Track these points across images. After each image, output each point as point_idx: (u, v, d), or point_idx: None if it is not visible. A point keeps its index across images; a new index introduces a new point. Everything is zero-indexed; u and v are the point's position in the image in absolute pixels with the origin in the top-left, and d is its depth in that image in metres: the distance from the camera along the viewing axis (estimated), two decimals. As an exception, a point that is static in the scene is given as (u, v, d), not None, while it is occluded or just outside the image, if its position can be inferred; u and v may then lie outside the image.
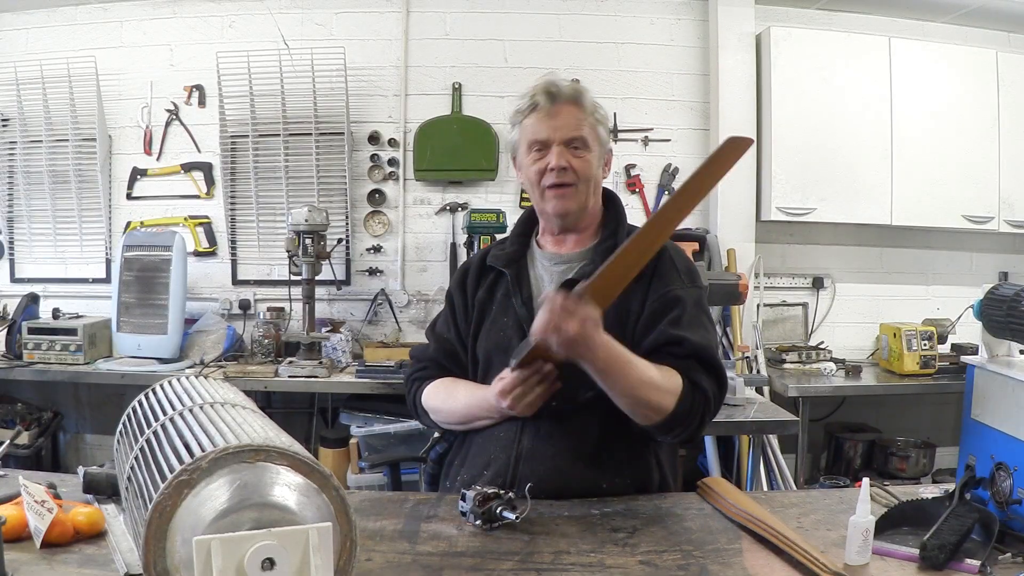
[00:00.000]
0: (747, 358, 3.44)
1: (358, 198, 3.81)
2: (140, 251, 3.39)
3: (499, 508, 1.28)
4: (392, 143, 3.80)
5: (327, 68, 3.65)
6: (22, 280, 3.84)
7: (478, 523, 1.29)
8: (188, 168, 3.81)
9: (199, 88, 3.77)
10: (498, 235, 3.34)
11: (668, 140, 3.86)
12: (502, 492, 1.31)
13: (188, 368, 3.27)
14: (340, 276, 3.74)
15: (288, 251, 3.35)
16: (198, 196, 3.82)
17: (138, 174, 3.82)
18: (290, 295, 3.52)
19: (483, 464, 1.52)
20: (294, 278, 3.41)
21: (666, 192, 3.85)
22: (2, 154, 3.78)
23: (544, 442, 1.48)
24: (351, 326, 3.75)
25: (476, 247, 3.46)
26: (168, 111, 3.78)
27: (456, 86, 3.78)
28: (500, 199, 3.80)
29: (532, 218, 1.72)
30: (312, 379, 3.15)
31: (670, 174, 3.85)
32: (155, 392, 1.13)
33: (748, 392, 2.85)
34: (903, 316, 3.83)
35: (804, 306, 4.00)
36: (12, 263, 3.87)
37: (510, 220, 3.33)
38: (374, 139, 3.79)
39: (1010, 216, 3.74)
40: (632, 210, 3.78)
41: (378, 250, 3.84)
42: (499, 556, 1.18)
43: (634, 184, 3.83)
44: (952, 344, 3.60)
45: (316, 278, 3.38)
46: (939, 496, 1.33)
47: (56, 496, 1.26)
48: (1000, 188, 3.72)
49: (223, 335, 3.54)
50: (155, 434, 0.97)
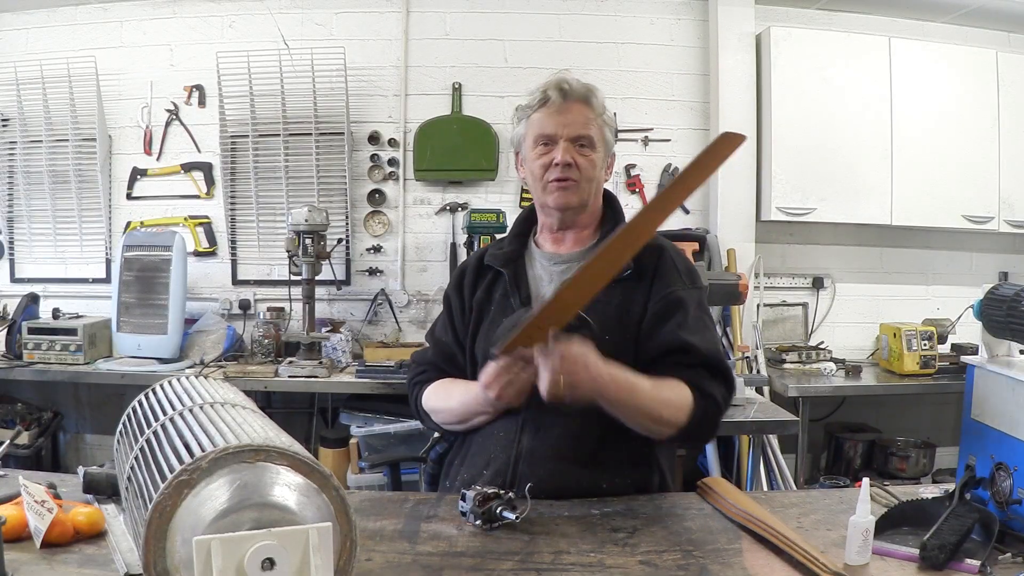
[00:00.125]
0: (747, 358, 3.44)
1: (358, 198, 3.81)
2: (140, 251, 3.39)
3: (499, 508, 1.28)
4: (392, 143, 3.80)
5: (327, 68, 3.65)
6: (22, 280, 3.84)
7: (478, 523, 1.29)
8: (188, 168, 3.81)
9: (199, 88, 3.77)
10: (498, 235, 3.34)
11: (668, 140, 3.86)
12: (502, 492, 1.31)
13: (188, 368, 3.27)
14: (340, 276, 3.74)
15: (288, 251, 3.35)
16: (198, 196, 3.82)
17: (138, 174, 3.82)
18: (290, 295, 3.52)
19: (483, 464, 1.52)
20: (294, 278, 3.41)
21: (666, 192, 3.85)
22: (2, 154, 3.78)
23: (544, 442, 1.48)
24: (351, 326, 3.75)
25: (476, 247, 3.46)
26: (168, 111, 3.78)
27: (456, 86, 3.78)
28: (500, 199, 3.80)
29: (530, 218, 1.72)
30: (312, 379, 3.15)
31: (670, 174, 3.85)
32: (155, 392, 1.13)
33: (748, 392, 2.85)
34: (903, 316, 3.83)
35: (804, 306, 4.00)
36: (12, 263, 3.87)
37: (510, 220, 3.32)
38: (374, 139, 3.79)
39: (1010, 216, 3.74)
40: (632, 210, 3.76)
41: (378, 250, 3.84)
42: (499, 556, 1.18)
43: (634, 184, 3.83)
44: (952, 344, 3.60)
45: (316, 278, 3.38)
46: (939, 496, 1.33)
47: (56, 496, 1.26)
48: (1000, 188, 3.72)
49: (223, 335, 3.54)
50: (155, 434, 0.97)
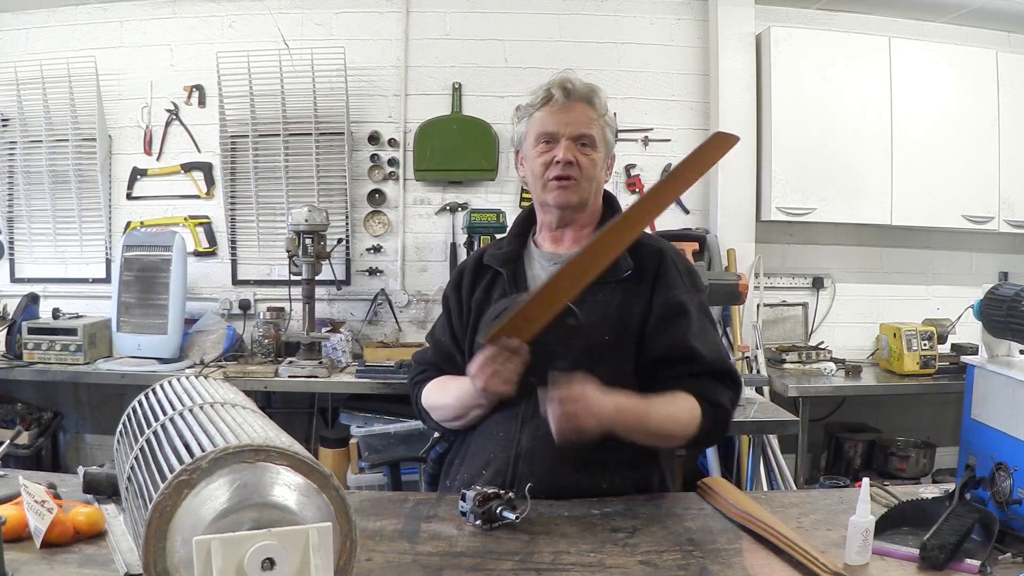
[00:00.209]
0: (747, 358, 3.44)
1: (358, 198, 3.81)
2: (140, 251, 3.39)
3: (499, 508, 1.28)
4: (392, 143, 3.80)
5: (327, 68, 3.65)
6: (22, 280, 3.84)
7: (478, 523, 1.29)
8: (188, 168, 3.81)
9: (199, 88, 3.77)
10: (498, 235, 3.34)
11: (668, 140, 3.85)
12: (502, 492, 1.31)
13: (188, 368, 3.27)
14: (340, 276, 3.74)
15: (288, 251, 3.35)
16: (198, 196, 3.82)
17: (138, 174, 3.82)
18: (290, 295, 3.52)
19: (483, 464, 1.52)
20: (294, 278, 3.41)
21: (666, 192, 3.85)
22: (2, 154, 3.78)
23: (543, 441, 1.48)
24: (351, 326, 3.75)
25: (476, 247, 3.46)
26: (168, 111, 3.78)
27: (456, 86, 3.78)
28: (500, 199, 3.80)
29: (529, 218, 1.73)
30: (312, 379, 3.15)
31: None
32: (155, 392, 1.13)
33: (748, 392, 2.85)
34: (903, 316, 3.83)
35: (804, 306, 4.00)
36: (12, 263, 3.87)
37: (510, 220, 3.32)
38: (374, 139, 3.79)
39: (1010, 216, 3.74)
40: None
41: (378, 250, 3.84)
42: (499, 556, 1.18)
43: (634, 184, 3.83)
44: (952, 344, 3.60)
45: (316, 278, 3.38)
46: (939, 496, 1.33)
47: (56, 496, 1.26)
48: (1000, 188, 3.72)
49: (223, 335, 3.54)
50: (155, 434, 0.97)
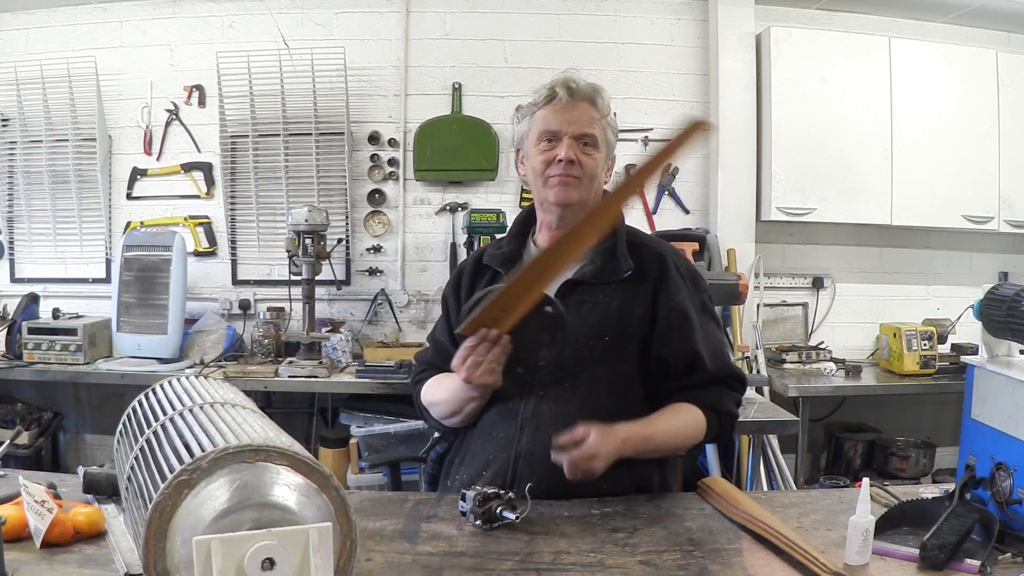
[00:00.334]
0: (747, 358, 3.44)
1: (358, 198, 3.81)
2: (140, 251, 3.39)
3: (499, 508, 1.28)
4: (392, 143, 3.80)
5: (327, 68, 3.65)
6: (22, 280, 3.84)
7: (478, 523, 1.29)
8: (188, 168, 3.81)
9: (199, 88, 3.77)
10: (498, 235, 3.34)
11: (668, 140, 3.84)
12: (502, 492, 1.31)
13: (188, 368, 3.27)
14: (340, 276, 3.74)
15: (288, 251, 3.35)
16: (198, 196, 3.82)
17: (138, 174, 3.82)
18: (290, 295, 3.52)
19: (483, 464, 1.52)
20: (294, 278, 3.41)
21: (666, 192, 3.85)
22: (2, 154, 3.78)
23: (544, 442, 1.48)
24: (351, 326, 3.75)
25: (476, 247, 3.46)
26: (168, 111, 3.78)
27: (456, 86, 3.78)
28: (500, 199, 3.80)
29: (529, 218, 1.73)
30: (312, 379, 3.15)
31: (670, 174, 3.85)
32: (155, 392, 1.13)
33: (748, 392, 2.83)
34: (903, 316, 3.83)
35: (804, 306, 4.00)
36: (12, 263, 3.87)
37: (510, 220, 3.32)
38: (374, 139, 3.79)
39: (1010, 216, 3.74)
40: (632, 210, 3.78)
41: (378, 250, 3.84)
42: (499, 556, 1.18)
43: (634, 184, 3.83)
44: (952, 344, 3.60)
45: (316, 278, 3.38)
46: (939, 496, 1.33)
47: (56, 496, 1.26)
48: (1000, 188, 3.72)
49: (223, 335, 3.54)
50: (155, 434, 0.97)
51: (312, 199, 3.72)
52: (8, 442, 1.87)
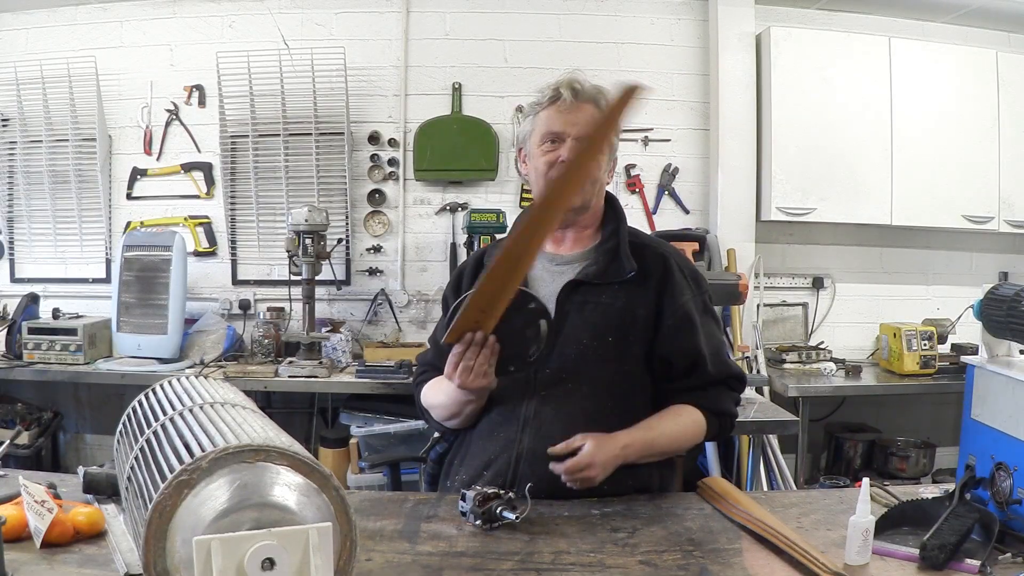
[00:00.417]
0: (747, 358, 3.44)
1: (358, 198, 3.81)
2: (140, 251, 3.39)
3: (499, 508, 1.29)
4: (392, 143, 3.80)
5: (327, 68, 3.65)
6: (22, 280, 3.84)
7: (478, 523, 1.29)
8: (188, 168, 3.81)
9: (199, 88, 3.77)
10: (498, 235, 3.34)
11: (668, 140, 3.85)
12: (502, 492, 1.31)
13: (188, 368, 3.27)
14: (340, 276, 3.74)
15: (288, 251, 3.35)
16: (198, 196, 3.82)
17: (138, 174, 3.82)
18: (290, 295, 3.52)
19: (483, 464, 1.53)
20: (294, 278, 3.41)
21: (666, 192, 3.85)
22: (2, 154, 3.78)
23: (544, 442, 1.48)
24: (351, 326, 3.75)
25: (476, 247, 3.46)
26: (168, 111, 3.78)
27: (456, 86, 3.78)
28: (500, 199, 3.80)
29: (530, 219, 1.72)
30: (312, 379, 3.15)
31: (670, 174, 3.85)
32: (155, 392, 1.13)
33: (748, 392, 2.84)
34: (903, 316, 3.83)
35: (804, 306, 4.00)
36: (12, 263, 3.87)
37: (510, 220, 3.32)
38: (374, 139, 3.79)
39: (1010, 216, 3.74)
40: (632, 210, 3.78)
41: (378, 250, 3.84)
42: (499, 556, 1.18)
43: (634, 184, 3.83)
44: (952, 344, 3.60)
45: (316, 278, 3.38)
46: (939, 496, 1.33)
47: (56, 496, 1.26)
48: (1000, 188, 3.72)
49: (223, 335, 3.54)
50: (155, 434, 0.97)
51: (312, 199, 3.72)
52: (8, 442, 1.87)
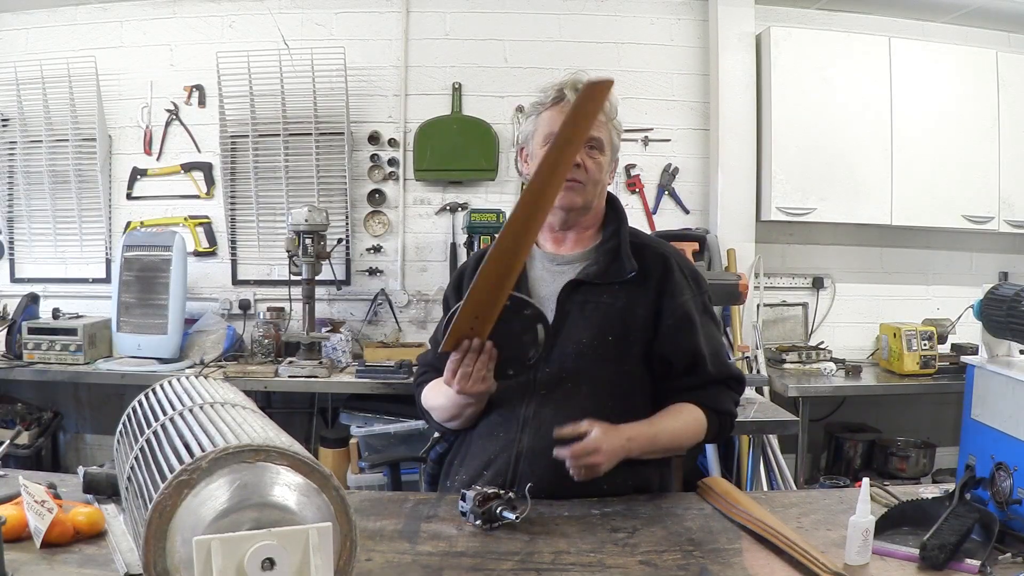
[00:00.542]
0: (747, 358, 3.44)
1: (358, 198, 3.81)
2: (140, 251, 3.39)
3: (499, 508, 1.28)
4: (392, 143, 3.80)
5: (327, 68, 3.65)
6: (22, 280, 3.84)
7: (478, 523, 1.29)
8: (188, 168, 3.81)
9: (199, 88, 3.77)
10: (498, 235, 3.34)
11: (668, 140, 3.85)
12: (502, 492, 1.31)
13: (188, 368, 3.27)
14: (340, 276, 3.74)
15: (288, 251, 3.35)
16: (198, 196, 3.82)
17: (138, 174, 3.82)
18: (290, 295, 3.52)
19: (483, 464, 1.53)
20: (294, 278, 3.41)
21: (666, 192, 3.85)
22: (2, 154, 3.78)
23: (544, 442, 1.48)
24: (351, 326, 3.75)
25: (476, 247, 3.46)
26: (168, 111, 3.78)
27: (456, 86, 3.78)
28: (500, 199, 3.79)
29: (530, 218, 1.72)
30: (312, 379, 3.15)
31: (670, 174, 3.85)
32: (155, 392, 1.13)
33: (748, 392, 2.85)
34: (903, 316, 3.83)
35: (804, 306, 4.00)
36: (12, 263, 3.87)
37: (510, 220, 3.32)
38: (374, 139, 3.79)
39: (1010, 216, 3.74)
40: (632, 210, 3.78)
41: (378, 250, 3.84)
42: (499, 556, 1.18)
43: (634, 184, 3.83)
44: (952, 344, 3.60)
45: (316, 278, 3.38)
46: (939, 496, 1.33)
47: (56, 496, 1.26)
48: (1000, 188, 3.72)
49: (223, 335, 3.54)
50: (155, 434, 0.97)
51: (312, 199, 3.72)
52: (8, 442, 1.87)
